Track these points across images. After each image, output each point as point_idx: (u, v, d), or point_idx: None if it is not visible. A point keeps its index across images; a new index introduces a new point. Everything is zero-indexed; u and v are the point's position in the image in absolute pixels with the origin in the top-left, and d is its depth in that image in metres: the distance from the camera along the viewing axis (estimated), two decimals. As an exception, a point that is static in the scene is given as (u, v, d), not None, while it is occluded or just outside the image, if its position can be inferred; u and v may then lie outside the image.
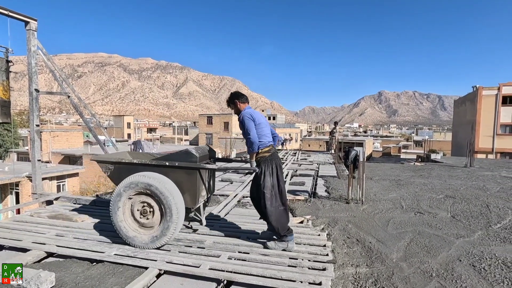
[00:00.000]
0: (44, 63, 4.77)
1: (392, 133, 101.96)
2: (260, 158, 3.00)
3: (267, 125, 3.15)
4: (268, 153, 3.00)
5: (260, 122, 3.03)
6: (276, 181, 2.96)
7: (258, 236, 3.25)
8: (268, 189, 2.91)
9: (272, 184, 2.93)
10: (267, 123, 3.16)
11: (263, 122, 3.08)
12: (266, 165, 2.96)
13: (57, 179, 16.50)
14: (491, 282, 2.47)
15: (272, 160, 2.99)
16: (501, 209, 4.74)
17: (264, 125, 3.07)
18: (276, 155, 3.06)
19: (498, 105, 25.91)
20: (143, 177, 2.87)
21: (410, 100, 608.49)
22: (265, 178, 2.93)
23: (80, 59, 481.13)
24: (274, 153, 3.06)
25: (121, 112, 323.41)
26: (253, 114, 3.03)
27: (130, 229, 2.93)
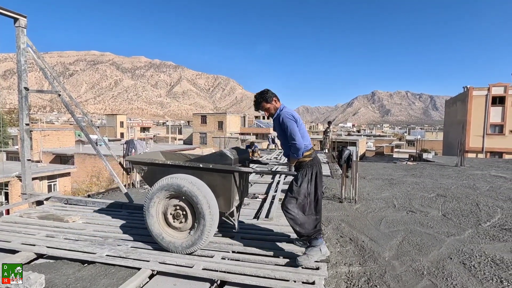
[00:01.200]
0: (34, 61, 4.68)
1: (385, 132, 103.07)
2: (300, 163, 2.69)
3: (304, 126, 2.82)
4: (309, 158, 2.68)
5: (301, 123, 2.71)
6: (313, 189, 2.65)
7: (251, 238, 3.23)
8: (302, 195, 2.61)
9: (308, 192, 2.63)
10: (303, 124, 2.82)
11: (302, 123, 2.76)
12: (305, 171, 2.65)
13: (48, 179, 16.24)
14: (480, 279, 2.51)
15: (312, 166, 2.66)
16: (490, 207, 4.83)
17: (303, 126, 2.74)
18: (317, 160, 2.72)
19: (488, 105, 26.41)
20: (175, 179, 2.78)
21: (402, 100, 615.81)
22: (302, 185, 2.62)
23: (71, 57, 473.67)
24: (315, 157, 2.72)
25: (113, 111, 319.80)
26: (294, 114, 2.68)
27: (164, 232, 2.86)
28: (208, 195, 2.75)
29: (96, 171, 20.39)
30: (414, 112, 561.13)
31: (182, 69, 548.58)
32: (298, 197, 2.61)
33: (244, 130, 46.19)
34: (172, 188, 2.77)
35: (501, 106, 26.28)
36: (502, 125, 26.39)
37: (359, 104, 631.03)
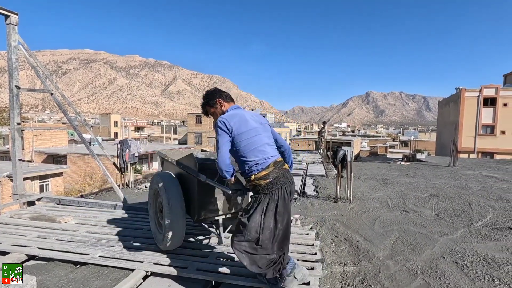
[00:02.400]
0: (26, 59, 4.60)
1: (379, 133, 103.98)
2: (254, 186, 2.02)
3: (266, 130, 2.12)
4: (265, 180, 1.96)
5: (246, 129, 2.00)
6: (272, 222, 1.95)
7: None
8: (252, 230, 1.94)
9: (261, 226, 1.94)
10: (264, 127, 2.13)
11: (254, 128, 2.04)
12: (259, 198, 1.97)
13: (40, 179, 16.00)
14: (473, 278, 2.54)
15: (271, 191, 1.95)
16: (482, 207, 4.90)
17: (254, 132, 2.03)
18: (280, 181, 1.98)
19: (480, 107, 26.82)
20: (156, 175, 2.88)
21: (396, 100, 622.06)
22: (252, 217, 1.95)
23: (64, 55, 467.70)
24: (276, 178, 1.97)
25: (107, 110, 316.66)
26: (229, 120, 2.01)
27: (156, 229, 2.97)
28: (172, 195, 2.58)
29: (89, 171, 20.17)
30: (407, 113, 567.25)
31: (177, 68, 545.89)
32: (247, 233, 1.94)
33: (239, 130, 46.15)
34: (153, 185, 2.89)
35: (492, 107, 26.73)
36: (493, 126, 26.83)
37: (353, 104, 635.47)
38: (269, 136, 2.12)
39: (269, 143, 2.08)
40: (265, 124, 2.19)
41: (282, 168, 2.04)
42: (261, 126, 2.11)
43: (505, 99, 26.57)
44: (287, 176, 2.05)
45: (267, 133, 2.13)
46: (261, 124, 2.13)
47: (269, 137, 2.12)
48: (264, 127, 2.13)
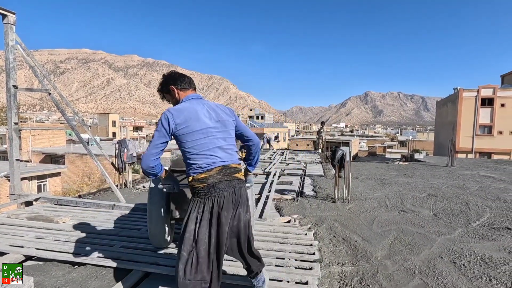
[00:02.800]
0: (24, 58, 4.58)
1: (377, 133, 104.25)
2: (193, 189, 1.77)
3: (223, 130, 1.80)
4: (202, 184, 1.70)
5: (193, 130, 1.70)
6: (206, 235, 1.66)
7: None
8: (186, 243, 1.65)
9: (195, 238, 1.65)
10: (222, 125, 1.80)
11: (204, 129, 1.73)
12: (194, 203, 1.72)
13: (37, 179, 15.94)
14: (470, 278, 2.55)
15: (206, 197, 1.69)
16: (479, 207, 4.92)
17: (203, 134, 1.72)
18: (220, 189, 1.70)
19: (478, 107, 26.94)
20: None
21: (395, 100, 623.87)
22: (187, 226, 1.68)
23: (62, 55, 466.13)
24: (215, 184, 1.70)
25: (105, 110, 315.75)
26: (177, 114, 1.71)
27: None
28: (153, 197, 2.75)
29: (87, 171, 20.11)
30: (406, 113, 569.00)
31: (176, 68, 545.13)
32: (182, 247, 1.66)
33: (238, 130, 46.07)
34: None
35: (490, 107, 26.86)
36: (491, 126, 26.96)
37: (352, 104, 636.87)
38: (225, 138, 1.79)
39: (222, 147, 1.76)
40: (226, 120, 1.84)
41: (230, 176, 1.75)
42: (217, 124, 1.78)
43: (502, 100, 26.70)
44: (235, 186, 1.75)
45: (224, 133, 1.80)
46: (218, 122, 1.79)
47: (225, 139, 1.79)
48: (222, 124, 1.80)
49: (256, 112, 76.85)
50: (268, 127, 49.74)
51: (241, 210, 1.78)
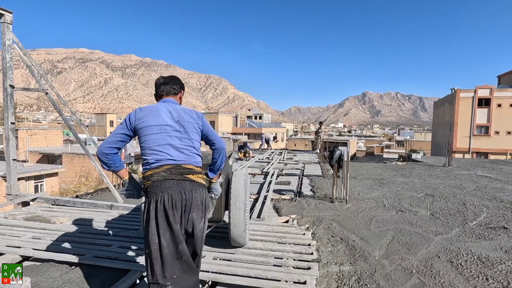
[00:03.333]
0: (20, 58, 4.56)
1: (375, 133, 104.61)
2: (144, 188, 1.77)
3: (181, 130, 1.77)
4: (148, 181, 1.69)
5: (150, 124, 1.74)
6: (155, 236, 1.62)
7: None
8: (145, 242, 1.67)
9: (149, 238, 1.63)
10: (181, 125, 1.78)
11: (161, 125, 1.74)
12: (144, 203, 1.74)
13: (34, 179, 15.85)
14: (467, 277, 2.57)
15: (150, 196, 1.67)
16: (476, 206, 4.95)
17: (159, 129, 1.73)
18: (165, 187, 1.65)
19: (475, 107, 27.09)
20: None
21: (392, 101, 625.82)
22: (144, 226, 1.70)
23: (60, 54, 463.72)
24: (160, 182, 1.67)
25: (103, 110, 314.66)
26: (140, 110, 1.81)
27: None
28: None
29: (85, 171, 20.02)
30: (403, 113, 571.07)
31: (174, 68, 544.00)
32: (145, 249, 1.69)
33: (236, 130, 46.11)
34: None
35: (487, 107, 27.01)
36: (487, 126, 27.11)
37: (350, 104, 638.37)
38: (181, 137, 1.76)
39: (175, 145, 1.73)
40: (187, 121, 1.80)
41: (180, 176, 1.69)
42: (175, 123, 1.76)
43: (499, 100, 26.86)
44: (185, 186, 1.68)
45: (182, 133, 1.77)
46: (177, 122, 1.77)
47: (181, 138, 1.76)
48: (181, 125, 1.77)
49: (255, 112, 76.93)
50: (267, 127, 49.78)
51: (194, 215, 1.69)
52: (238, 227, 2.73)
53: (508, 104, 26.70)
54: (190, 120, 1.82)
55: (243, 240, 2.82)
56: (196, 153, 1.81)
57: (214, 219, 2.78)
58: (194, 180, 1.73)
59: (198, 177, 1.76)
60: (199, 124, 1.85)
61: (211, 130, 1.91)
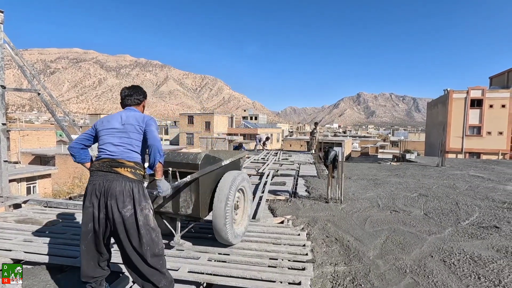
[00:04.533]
0: (12, 58, 4.49)
1: (370, 133, 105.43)
2: None
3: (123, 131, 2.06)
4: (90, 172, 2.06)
5: (102, 128, 2.11)
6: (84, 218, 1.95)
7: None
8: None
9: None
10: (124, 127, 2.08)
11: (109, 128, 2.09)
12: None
13: (26, 181, 15.63)
14: (460, 276, 2.60)
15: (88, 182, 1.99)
16: (469, 206, 5.01)
17: (106, 132, 2.08)
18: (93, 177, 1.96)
19: (467, 108, 27.45)
20: None
21: (387, 101, 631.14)
22: None
23: (53, 54, 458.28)
24: (92, 172, 2.00)
25: (97, 110, 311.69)
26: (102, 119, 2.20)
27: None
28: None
29: (78, 172, 19.80)
30: (397, 114, 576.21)
31: (169, 68, 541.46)
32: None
33: (232, 130, 46.06)
34: None
35: (479, 108, 27.40)
36: (480, 126, 27.50)
37: (345, 105, 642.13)
38: (122, 137, 2.05)
39: (113, 143, 2.03)
40: (130, 124, 2.09)
41: (109, 168, 1.95)
42: (121, 126, 2.08)
43: (491, 101, 27.27)
44: (107, 178, 1.93)
45: (123, 133, 2.06)
46: (123, 125, 2.08)
47: (121, 137, 2.05)
48: (124, 127, 2.08)
49: (250, 112, 76.94)
50: (262, 127, 49.82)
51: (112, 203, 1.88)
52: (218, 219, 2.70)
53: (499, 105, 27.13)
54: (134, 123, 2.09)
55: (225, 235, 2.76)
56: (131, 150, 2.04)
57: (192, 215, 2.75)
58: (119, 173, 1.95)
59: (126, 170, 1.98)
60: (141, 127, 2.09)
61: (151, 133, 2.09)
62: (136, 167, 2.02)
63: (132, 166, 2.00)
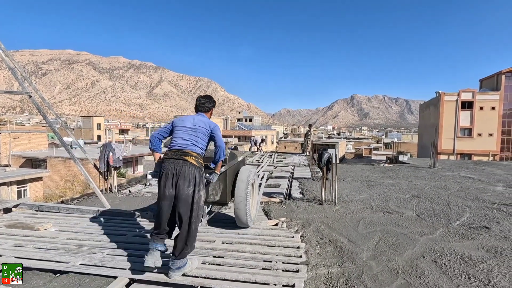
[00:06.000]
0: (2, 59, 4.43)
1: (363, 135, 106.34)
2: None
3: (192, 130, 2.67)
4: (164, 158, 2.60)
5: (177, 125, 2.72)
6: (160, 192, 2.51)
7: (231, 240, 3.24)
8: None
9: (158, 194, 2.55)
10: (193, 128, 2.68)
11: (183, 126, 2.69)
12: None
13: (17, 184, 15.34)
14: (450, 276, 2.64)
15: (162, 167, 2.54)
16: (460, 207, 5.10)
17: (180, 129, 2.69)
18: (166, 163, 2.52)
19: (458, 110, 27.93)
20: None
21: (380, 103, 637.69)
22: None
23: (45, 55, 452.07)
24: (165, 159, 2.56)
25: (90, 112, 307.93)
26: (177, 118, 2.80)
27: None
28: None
29: (70, 175, 19.52)
30: (391, 116, 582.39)
31: (163, 70, 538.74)
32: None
33: (227, 132, 45.99)
34: None
35: (470, 110, 27.91)
36: (470, 128, 27.99)
37: (339, 107, 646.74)
38: (191, 134, 2.65)
39: (183, 137, 2.63)
40: (200, 127, 2.70)
41: (178, 156, 2.52)
42: (193, 127, 2.69)
43: (481, 103, 27.80)
44: (177, 163, 2.50)
45: (193, 131, 2.66)
46: (194, 126, 2.69)
47: (190, 135, 2.64)
48: (195, 128, 2.68)
49: (245, 114, 76.95)
50: (257, 129, 49.84)
51: (180, 182, 2.44)
52: (240, 205, 3.32)
53: (489, 107, 27.67)
54: (202, 126, 2.72)
55: (244, 218, 3.38)
56: (196, 145, 2.63)
57: (220, 202, 3.39)
58: (186, 160, 2.52)
59: (192, 159, 2.54)
60: (208, 131, 2.73)
61: (218, 136, 2.79)
62: (198, 157, 2.59)
63: (196, 156, 2.57)
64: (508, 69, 27.98)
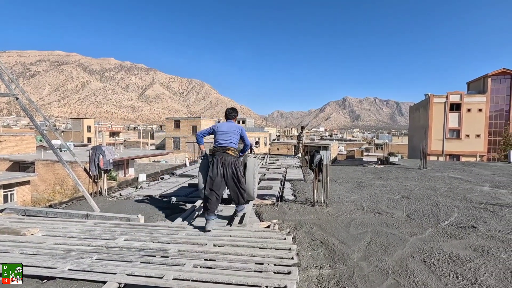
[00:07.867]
0: (-12, 61, 4.33)
1: (355, 137, 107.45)
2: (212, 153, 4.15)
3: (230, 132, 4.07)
4: (213, 151, 4.06)
5: (218, 130, 4.08)
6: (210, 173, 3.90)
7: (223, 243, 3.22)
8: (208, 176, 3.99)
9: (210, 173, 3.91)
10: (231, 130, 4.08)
11: (222, 130, 4.06)
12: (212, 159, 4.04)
13: (3, 188, 14.96)
14: (439, 275, 2.68)
15: (214, 156, 4.01)
16: (448, 207, 5.19)
17: (220, 132, 4.07)
18: (216, 154, 3.99)
19: (447, 112, 28.52)
20: None
21: (371, 105, 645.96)
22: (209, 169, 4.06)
23: (33, 56, 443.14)
24: (215, 152, 4.02)
25: (80, 114, 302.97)
26: (217, 124, 4.17)
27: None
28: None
29: (59, 179, 19.14)
30: (382, 117, 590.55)
31: (155, 72, 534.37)
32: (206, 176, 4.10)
33: (219, 134, 45.85)
34: None
35: (458, 112, 28.53)
36: (459, 130, 28.60)
37: (331, 109, 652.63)
38: (227, 135, 4.04)
39: (223, 138, 4.02)
40: (232, 130, 4.11)
41: (222, 150, 3.98)
42: (228, 129, 4.09)
43: (468, 105, 28.46)
44: (222, 155, 3.97)
45: (229, 133, 4.05)
46: (229, 129, 4.10)
47: (226, 135, 4.03)
48: (230, 130, 4.08)
49: (239, 117, 76.89)
50: (250, 131, 49.84)
51: (227, 167, 3.95)
52: (250, 185, 4.53)
53: (476, 109, 28.34)
54: (234, 129, 4.12)
55: (253, 193, 4.74)
56: (232, 142, 4.03)
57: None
58: (228, 153, 3.98)
59: (231, 151, 4.00)
60: (238, 132, 4.13)
61: (245, 136, 4.20)
62: (235, 150, 4.05)
63: (233, 150, 4.02)
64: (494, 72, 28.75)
